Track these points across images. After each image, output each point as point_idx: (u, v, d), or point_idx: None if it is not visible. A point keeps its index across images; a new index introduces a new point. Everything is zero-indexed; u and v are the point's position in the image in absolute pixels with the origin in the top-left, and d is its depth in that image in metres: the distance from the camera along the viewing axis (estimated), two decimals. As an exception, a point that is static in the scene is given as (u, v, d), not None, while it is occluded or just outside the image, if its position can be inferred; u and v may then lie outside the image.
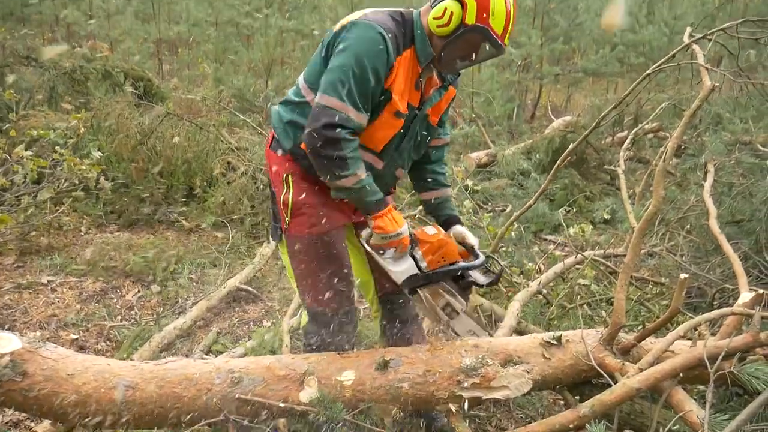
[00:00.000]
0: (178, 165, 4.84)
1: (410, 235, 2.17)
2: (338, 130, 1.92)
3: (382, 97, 2.04)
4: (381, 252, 2.17)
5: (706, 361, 1.95)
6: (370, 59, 1.93)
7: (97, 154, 4.45)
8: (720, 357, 1.96)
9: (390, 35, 1.97)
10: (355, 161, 1.99)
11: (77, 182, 4.30)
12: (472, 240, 2.28)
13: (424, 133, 2.27)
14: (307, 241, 2.19)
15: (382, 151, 2.18)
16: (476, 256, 2.22)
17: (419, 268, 2.15)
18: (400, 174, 2.35)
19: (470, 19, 1.96)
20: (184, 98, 6.55)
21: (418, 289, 2.19)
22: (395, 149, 2.20)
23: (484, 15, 1.94)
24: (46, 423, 2.22)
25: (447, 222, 2.40)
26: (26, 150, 4.23)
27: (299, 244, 2.21)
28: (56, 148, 4.28)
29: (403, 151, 2.24)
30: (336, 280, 2.21)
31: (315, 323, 2.27)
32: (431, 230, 2.22)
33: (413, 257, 2.17)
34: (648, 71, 3.37)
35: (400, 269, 2.16)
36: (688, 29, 3.51)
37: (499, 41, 1.98)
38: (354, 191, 2.03)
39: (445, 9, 1.96)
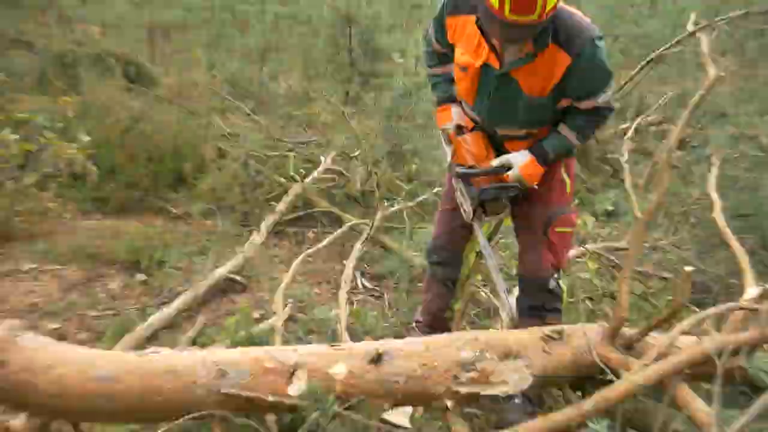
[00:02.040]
0: (167, 150, 4.71)
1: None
2: (425, 32, 2.59)
3: (451, 51, 2.43)
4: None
5: (714, 356, 1.86)
6: (440, 8, 2.40)
7: (85, 139, 4.32)
8: (728, 352, 1.87)
9: None
10: (428, 58, 2.62)
11: (63, 167, 4.17)
12: (511, 174, 2.38)
13: (515, 96, 2.28)
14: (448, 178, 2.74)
15: (474, 106, 2.46)
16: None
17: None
18: (504, 132, 2.46)
19: None
20: (175, 82, 6.41)
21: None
22: (482, 105, 2.41)
23: None
24: (23, 417, 2.12)
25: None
26: (13, 134, 4.10)
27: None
28: (43, 132, 4.15)
29: (493, 110, 2.39)
30: (443, 216, 2.75)
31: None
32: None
33: None
34: (651, 56, 3.30)
35: (447, 153, 2.63)
36: (692, 16, 3.43)
37: (494, 13, 1.95)
38: (428, 82, 2.68)
39: None
